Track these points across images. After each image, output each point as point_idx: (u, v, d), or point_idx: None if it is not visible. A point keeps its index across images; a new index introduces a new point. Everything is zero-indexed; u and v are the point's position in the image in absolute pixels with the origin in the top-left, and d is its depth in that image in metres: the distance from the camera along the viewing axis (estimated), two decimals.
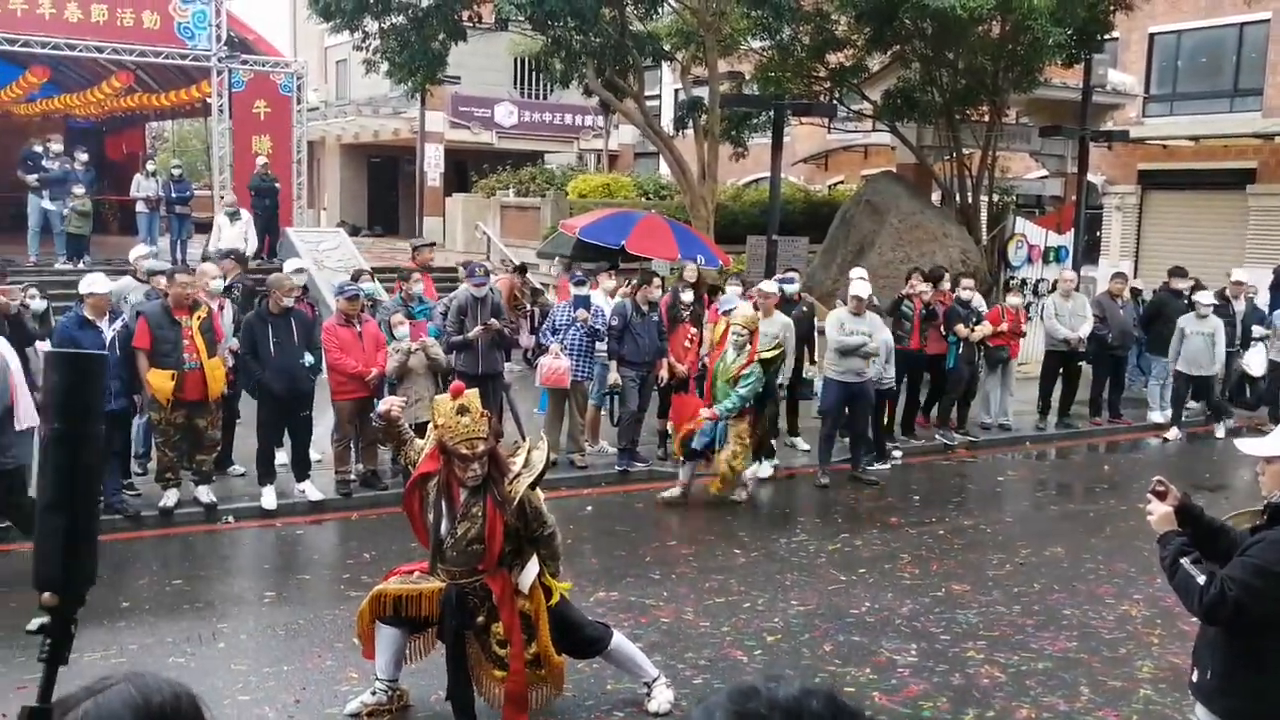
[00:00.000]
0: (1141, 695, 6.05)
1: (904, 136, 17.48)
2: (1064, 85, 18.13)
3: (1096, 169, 22.90)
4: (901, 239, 15.81)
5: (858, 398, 10.68)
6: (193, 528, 8.94)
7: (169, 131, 42.60)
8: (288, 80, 20.69)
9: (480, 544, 5.09)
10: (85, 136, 26.70)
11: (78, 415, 1.63)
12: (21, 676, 5.95)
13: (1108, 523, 9.63)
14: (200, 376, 8.74)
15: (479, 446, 5.00)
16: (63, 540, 1.59)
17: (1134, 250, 23.99)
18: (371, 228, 31.43)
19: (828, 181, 27.70)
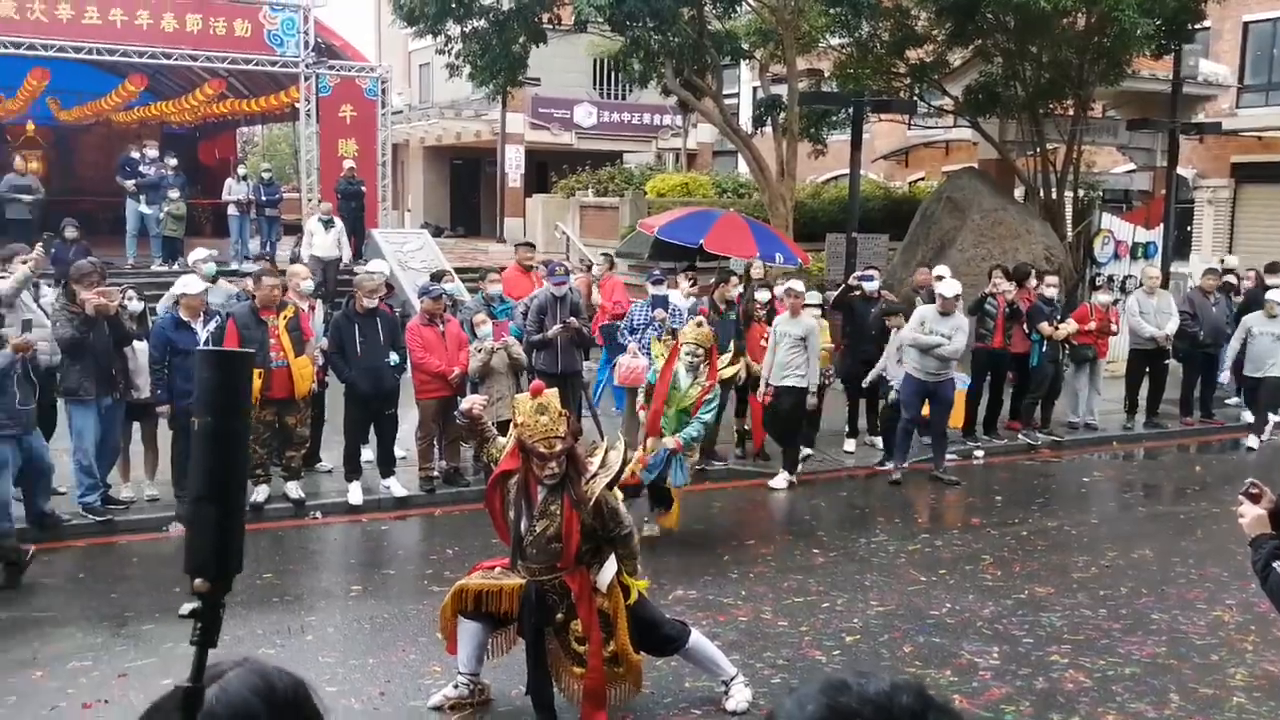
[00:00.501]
0: (1234, 703, 5.89)
1: (986, 132, 17.23)
2: (1153, 77, 17.69)
3: (1187, 162, 22.32)
4: (983, 236, 15.58)
5: (936, 396, 10.56)
6: (282, 523, 9.16)
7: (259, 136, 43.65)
8: (373, 84, 21.08)
9: (558, 542, 5.16)
10: (180, 142, 27.58)
11: (227, 410, 1.70)
12: (123, 665, 6.22)
13: (1199, 525, 9.40)
14: (287, 375, 8.95)
15: (557, 446, 5.06)
16: (214, 529, 1.68)
17: (1227, 246, 23.30)
18: (454, 229, 31.81)
19: (908, 178, 27.39)
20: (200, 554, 1.68)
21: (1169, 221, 17.30)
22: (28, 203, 17.36)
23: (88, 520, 8.71)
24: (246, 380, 1.78)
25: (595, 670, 5.25)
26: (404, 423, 10.23)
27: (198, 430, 1.71)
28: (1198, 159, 23.37)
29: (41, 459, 8.33)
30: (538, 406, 5.10)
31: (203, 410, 1.70)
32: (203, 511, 1.68)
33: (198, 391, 1.76)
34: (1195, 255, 23.03)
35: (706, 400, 8.17)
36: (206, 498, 1.68)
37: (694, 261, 13.42)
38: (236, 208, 19.60)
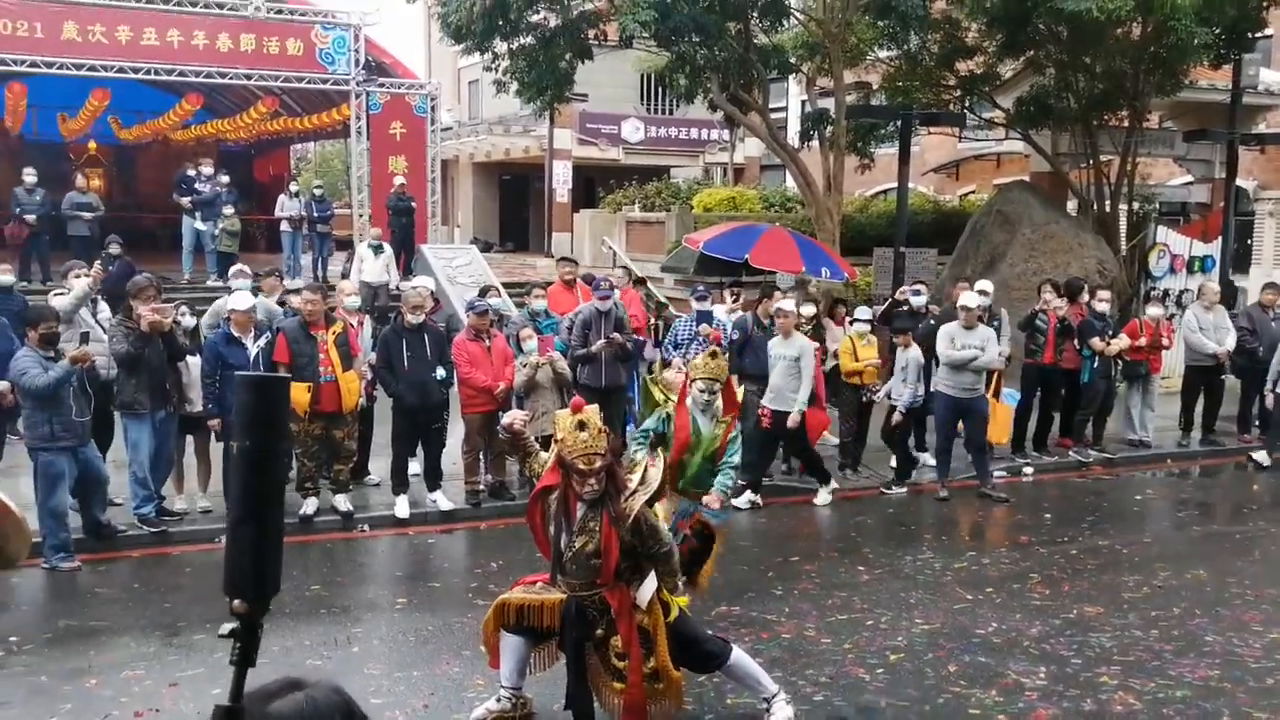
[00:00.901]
0: None
1: (1038, 145, 17.05)
2: (1211, 87, 17.38)
3: (1248, 173, 21.89)
4: (1034, 250, 15.40)
5: (970, 412, 10.49)
6: (330, 535, 9.27)
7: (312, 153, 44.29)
8: (422, 101, 21.32)
9: (597, 558, 5.17)
10: (235, 159, 28.16)
11: (265, 434, 1.74)
12: (175, 674, 6.32)
13: (1256, 545, 9.18)
14: (335, 389, 9.10)
15: (596, 463, 5.06)
16: (252, 551, 1.72)
17: None
18: (503, 244, 32.06)
19: (959, 191, 27.13)
20: (239, 575, 1.72)
21: (1228, 234, 16.98)
22: (88, 220, 17.75)
23: (143, 531, 8.88)
24: (284, 404, 1.82)
25: (635, 686, 5.25)
26: (451, 437, 10.30)
27: (236, 453, 1.75)
28: (1259, 170, 22.91)
29: (96, 470, 8.56)
30: (578, 423, 5.11)
31: (241, 433, 1.74)
32: (241, 533, 1.72)
33: (236, 415, 1.79)
34: (1256, 269, 22.54)
35: (731, 440, 7.00)
36: (244, 519, 1.72)
37: (740, 277, 13.38)
38: (289, 224, 19.89)
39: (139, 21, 18.61)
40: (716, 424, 6.96)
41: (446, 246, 22.15)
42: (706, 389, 6.86)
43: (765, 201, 22.40)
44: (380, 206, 20.18)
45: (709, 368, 6.94)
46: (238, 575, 1.73)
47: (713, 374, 6.91)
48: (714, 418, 6.96)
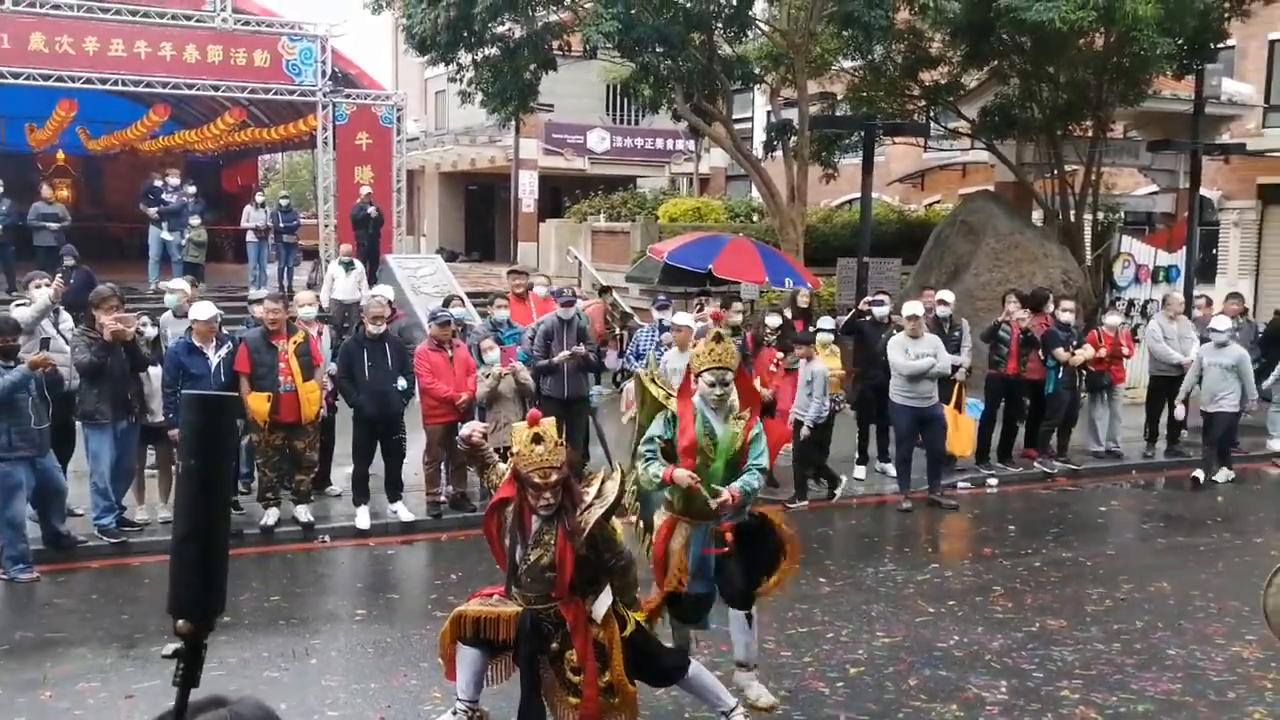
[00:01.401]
0: None
1: (1002, 154, 17.16)
2: (1174, 97, 17.58)
3: (1211, 184, 22.11)
4: (999, 260, 15.49)
5: (929, 421, 10.51)
6: (291, 546, 9.20)
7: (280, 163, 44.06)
8: (388, 112, 21.28)
9: (552, 571, 5.11)
10: (204, 170, 28.15)
11: (211, 453, 1.72)
12: (130, 686, 6.21)
13: (1220, 557, 9.21)
14: (295, 399, 9.05)
15: (552, 476, 5.00)
16: (197, 571, 1.69)
17: (1254, 269, 23.07)
18: (469, 253, 31.99)
19: (924, 201, 27.28)
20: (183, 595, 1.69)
21: (1192, 244, 17.15)
22: (55, 230, 17.67)
23: (103, 542, 8.80)
24: (231, 423, 1.80)
25: (590, 700, 5.18)
26: (412, 448, 10.22)
27: (181, 472, 1.73)
28: (1223, 180, 23.15)
29: (55, 480, 8.49)
30: (533, 436, 5.04)
31: (187, 453, 1.72)
32: (185, 552, 1.69)
33: (182, 434, 1.78)
34: (1221, 279, 22.79)
35: (754, 438, 5.82)
36: (189, 538, 1.69)
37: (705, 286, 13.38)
38: (255, 234, 19.82)
39: (106, 33, 18.54)
40: (733, 421, 5.78)
41: (411, 256, 22.05)
42: (716, 380, 5.70)
43: (730, 212, 22.47)
44: (346, 217, 20.09)
45: (714, 354, 5.73)
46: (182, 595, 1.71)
47: (719, 362, 5.71)
48: (729, 414, 5.79)
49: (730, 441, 5.74)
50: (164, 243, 18.71)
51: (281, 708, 5.83)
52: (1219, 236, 23.68)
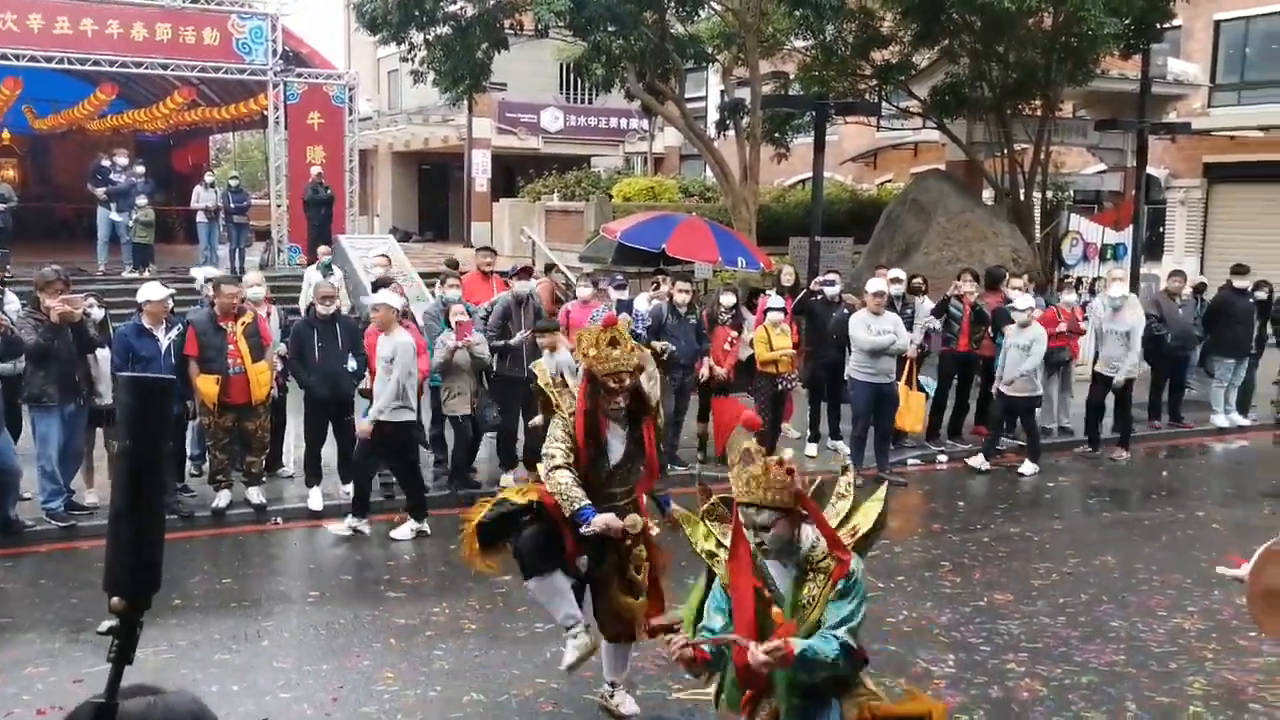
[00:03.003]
0: (1191, 713, 5.85)
1: (953, 134, 17.30)
2: (1122, 76, 17.79)
3: (1159, 163, 22.45)
4: (949, 238, 15.63)
5: (885, 398, 10.63)
6: (243, 528, 9.15)
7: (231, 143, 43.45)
8: (340, 92, 21.06)
9: (635, 468, 5.21)
10: (154, 149, 27.78)
11: (147, 434, 1.72)
12: (79, 670, 6.15)
13: (1164, 531, 9.38)
14: (245, 381, 8.98)
15: (626, 380, 4.97)
16: (131, 550, 1.70)
17: (1200, 247, 23.47)
18: (423, 233, 31.83)
19: (877, 180, 27.48)
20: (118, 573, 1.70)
21: (1139, 223, 17.40)
22: (1, 210, 17.35)
23: (51, 526, 8.69)
24: (166, 406, 1.81)
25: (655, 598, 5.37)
26: None
27: (117, 452, 1.74)
28: (1170, 159, 23.51)
29: (8, 463, 8.33)
30: (610, 339, 4.97)
31: (123, 434, 1.73)
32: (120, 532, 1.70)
33: (119, 416, 1.79)
34: (1168, 256, 23.17)
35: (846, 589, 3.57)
36: (124, 519, 1.70)
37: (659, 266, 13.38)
38: (205, 215, 19.55)
39: (51, 10, 18.21)
40: (812, 574, 3.62)
41: (363, 237, 21.88)
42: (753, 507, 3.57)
43: (684, 191, 22.48)
44: (298, 197, 19.89)
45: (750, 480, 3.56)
46: (117, 573, 1.72)
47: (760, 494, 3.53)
48: (801, 564, 3.65)
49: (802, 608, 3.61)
50: (112, 223, 18.43)
51: (233, 690, 5.91)
52: (1165, 215, 24.06)
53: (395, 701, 5.87)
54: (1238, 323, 13.27)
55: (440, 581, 7.97)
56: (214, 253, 19.41)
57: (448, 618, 7.14)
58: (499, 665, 6.32)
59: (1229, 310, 13.35)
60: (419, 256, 21.61)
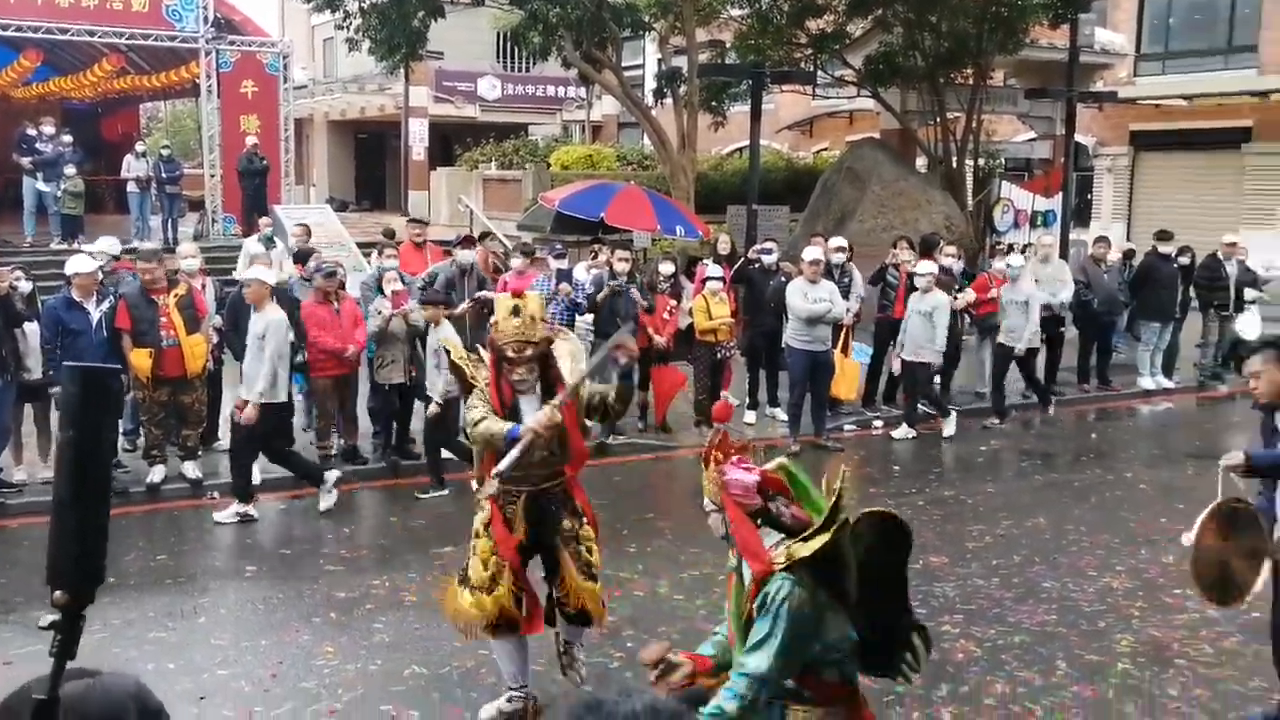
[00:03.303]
0: (1119, 670, 6.02)
1: (887, 102, 17.42)
2: (1051, 46, 18.04)
3: (1087, 131, 22.82)
4: (884, 206, 15.77)
5: (821, 366, 10.74)
6: (179, 503, 9.02)
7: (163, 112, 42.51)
8: (274, 60, 20.68)
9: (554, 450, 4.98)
10: (82, 118, 27.04)
11: (91, 424, 1.71)
12: (8, 652, 6.06)
13: (1093, 493, 9.57)
14: (179, 354, 8.83)
15: (527, 350, 4.83)
16: (75, 543, 1.69)
17: (1126, 213, 23.92)
18: (359, 202, 31.47)
19: (813, 148, 27.59)
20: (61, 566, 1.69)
21: (1068, 189, 17.67)
22: None
23: None
24: (112, 395, 1.80)
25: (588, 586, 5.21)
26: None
27: (61, 443, 1.72)
28: (1097, 127, 23.90)
29: None
30: (513, 308, 4.85)
31: (66, 424, 1.71)
32: (63, 520, 1.69)
33: (62, 405, 1.77)
34: (1095, 223, 23.59)
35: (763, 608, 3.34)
36: (67, 511, 1.68)
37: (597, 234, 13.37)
38: (136, 185, 19.12)
39: None
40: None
41: (299, 207, 21.56)
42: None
43: (622, 159, 22.43)
44: (232, 167, 19.54)
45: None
46: (60, 565, 1.71)
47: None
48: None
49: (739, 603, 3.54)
50: (39, 194, 17.98)
51: (169, 668, 5.87)
52: (1093, 182, 24.49)
53: (335, 676, 5.87)
54: (1162, 288, 13.55)
55: (380, 554, 7.96)
56: (146, 224, 19.02)
57: (387, 590, 7.13)
58: (440, 638, 6.30)
59: (1154, 275, 13.62)
60: (356, 226, 21.38)
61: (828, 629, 3.32)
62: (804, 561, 3.26)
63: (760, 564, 3.31)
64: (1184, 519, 8.48)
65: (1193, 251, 14.12)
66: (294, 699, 5.62)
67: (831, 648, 3.33)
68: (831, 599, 3.31)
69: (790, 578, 3.26)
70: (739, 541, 3.43)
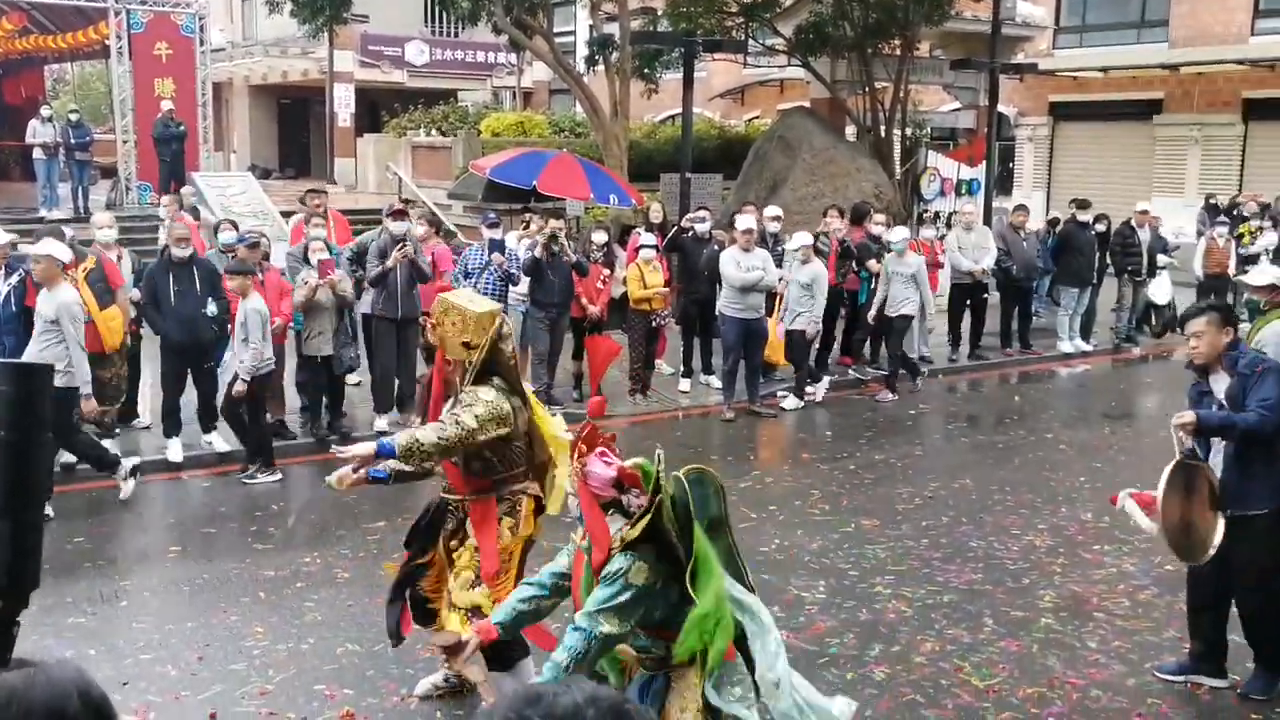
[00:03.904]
0: (1043, 624, 6.18)
1: (817, 71, 17.45)
2: (975, 18, 18.24)
3: (1009, 101, 23.16)
4: (814, 174, 15.83)
5: (754, 333, 10.78)
6: (96, 483, 8.66)
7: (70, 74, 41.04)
8: (189, 21, 20.00)
9: None
10: None
11: (26, 425, 1.61)
12: None
13: (1016, 454, 9.79)
14: (93, 329, 8.46)
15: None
16: (9, 547, 1.58)
17: (1046, 182, 24.37)
18: (283, 170, 30.76)
19: (745, 116, 27.61)
20: None
21: (991, 159, 17.92)
22: None
23: None
24: (46, 394, 1.68)
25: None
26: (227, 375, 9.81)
27: None
28: (1018, 98, 24.25)
29: None
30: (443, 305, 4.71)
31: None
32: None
33: None
34: (1017, 191, 24.01)
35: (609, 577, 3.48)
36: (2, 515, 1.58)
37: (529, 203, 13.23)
38: (43, 151, 18.35)
39: None
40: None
41: (220, 175, 21.01)
42: None
43: (554, 127, 22.21)
44: (147, 133, 18.92)
45: None
46: None
47: None
48: None
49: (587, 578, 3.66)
50: None
51: (90, 654, 5.69)
52: (1015, 151, 24.89)
53: (266, 656, 5.75)
54: (1081, 254, 13.86)
55: (310, 531, 7.81)
56: (54, 192, 18.32)
57: (319, 567, 7.00)
58: (374, 614, 6.17)
59: (1073, 242, 13.96)
60: (280, 194, 20.87)
61: (670, 594, 3.50)
62: (636, 541, 3.46)
63: (601, 553, 3.53)
64: (1103, 478, 8.85)
65: (1108, 219, 14.45)
66: (222, 681, 5.48)
67: (677, 607, 3.50)
68: (671, 567, 3.49)
69: (629, 554, 3.47)
70: (588, 528, 3.61)
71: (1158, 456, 9.15)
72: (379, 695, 5.35)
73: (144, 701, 5.28)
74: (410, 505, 6.44)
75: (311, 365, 9.51)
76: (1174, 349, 15.04)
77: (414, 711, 5.24)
